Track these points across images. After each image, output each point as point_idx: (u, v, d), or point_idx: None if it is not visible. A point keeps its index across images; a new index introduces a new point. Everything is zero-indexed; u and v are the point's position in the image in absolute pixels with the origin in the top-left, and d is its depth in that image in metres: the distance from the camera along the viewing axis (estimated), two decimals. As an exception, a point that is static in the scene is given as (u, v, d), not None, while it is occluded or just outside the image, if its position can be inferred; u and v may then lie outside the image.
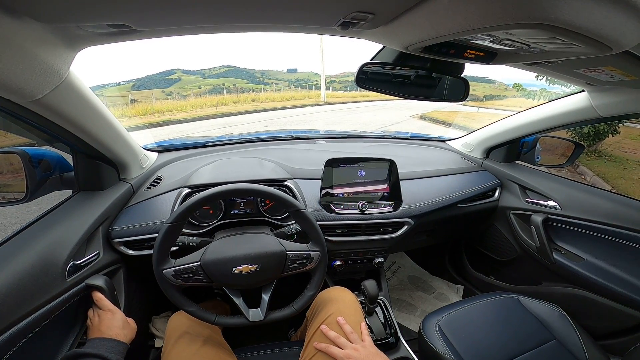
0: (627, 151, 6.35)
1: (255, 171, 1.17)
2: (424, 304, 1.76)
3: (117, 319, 0.79)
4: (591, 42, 0.48)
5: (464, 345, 0.98)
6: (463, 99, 0.91)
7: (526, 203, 1.39)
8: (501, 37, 0.54)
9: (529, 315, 1.09)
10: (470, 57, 0.69)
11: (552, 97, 1.26)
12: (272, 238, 0.89)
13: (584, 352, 0.96)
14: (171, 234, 0.79)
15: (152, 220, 1.02)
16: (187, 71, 59.13)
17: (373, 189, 1.21)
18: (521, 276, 1.49)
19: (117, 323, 0.78)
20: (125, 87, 31.53)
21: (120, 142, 1.01)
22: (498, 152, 1.56)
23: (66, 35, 0.59)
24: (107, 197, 1.01)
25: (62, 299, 0.76)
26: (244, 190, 0.84)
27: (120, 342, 0.74)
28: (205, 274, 0.80)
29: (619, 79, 0.82)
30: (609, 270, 1.13)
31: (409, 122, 11.09)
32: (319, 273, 0.89)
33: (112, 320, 0.78)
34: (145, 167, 1.23)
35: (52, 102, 0.68)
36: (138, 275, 1.12)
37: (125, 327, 0.79)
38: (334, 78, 44.28)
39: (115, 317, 0.79)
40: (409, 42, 0.64)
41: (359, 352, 0.77)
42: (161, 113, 13.53)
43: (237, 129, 9.91)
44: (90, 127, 0.84)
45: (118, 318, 0.79)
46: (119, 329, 0.77)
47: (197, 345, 0.83)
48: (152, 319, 1.32)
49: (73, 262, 0.82)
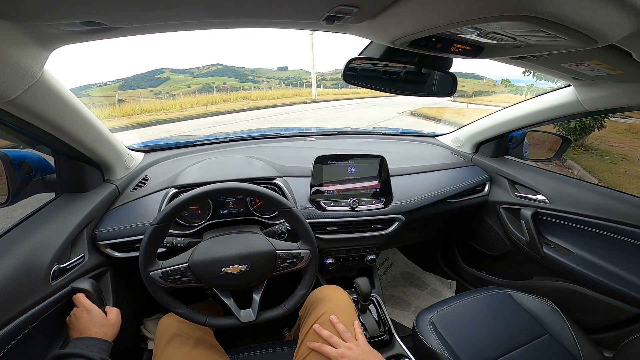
0: (613, 145, 6.46)
1: (243, 170, 1.16)
2: (418, 300, 1.77)
3: (94, 317, 0.77)
4: (576, 35, 0.48)
5: (457, 342, 0.98)
6: (451, 94, 0.91)
7: (515, 197, 1.40)
8: (487, 30, 0.54)
9: (521, 310, 1.10)
10: (457, 51, 0.69)
11: (539, 92, 1.27)
12: (261, 237, 0.88)
13: (577, 347, 0.97)
14: (157, 235, 0.77)
15: (139, 222, 1.00)
16: (176, 70, 58.39)
17: (363, 185, 1.21)
18: (512, 271, 1.50)
19: (95, 320, 0.77)
20: (112, 87, 30.99)
21: (103, 142, 0.99)
22: (487, 147, 1.57)
23: (38, 35, 0.57)
24: (91, 198, 0.99)
25: (47, 303, 0.75)
26: (232, 189, 0.82)
27: (101, 340, 0.73)
28: (194, 275, 0.79)
29: (604, 73, 0.82)
30: (598, 263, 1.14)
31: (400, 119, 11.14)
32: (310, 272, 0.88)
33: (89, 319, 0.76)
34: (130, 167, 1.20)
35: (27, 102, 0.66)
36: (126, 278, 1.10)
37: (103, 324, 0.77)
38: (325, 75, 44.25)
39: (91, 315, 0.77)
40: (395, 36, 0.63)
41: (353, 351, 0.77)
42: (149, 113, 13.31)
43: (227, 128, 9.85)
44: (69, 127, 0.82)
45: (95, 315, 0.78)
46: (97, 326, 0.76)
47: (189, 348, 0.82)
48: (143, 321, 1.30)
49: (57, 265, 0.81)
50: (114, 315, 0.82)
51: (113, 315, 0.82)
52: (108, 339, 0.76)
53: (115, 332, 0.79)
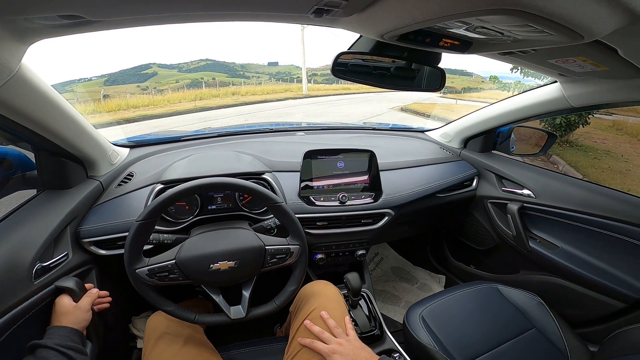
0: (597, 141, 6.62)
1: (231, 165, 1.14)
2: (408, 295, 1.79)
3: (58, 306, 0.77)
4: (563, 30, 0.48)
5: (447, 336, 0.99)
6: (440, 89, 0.91)
7: (502, 192, 1.42)
8: (476, 24, 0.54)
9: (508, 304, 1.12)
10: (446, 45, 0.69)
11: (526, 89, 1.28)
12: (250, 233, 0.87)
13: (562, 341, 0.99)
14: (142, 231, 0.76)
15: (124, 218, 0.98)
16: (164, 65, 57.16)
17: (353, 180, 1.21)
18: (500, 265, 1.52)
19: (58, 309, 0.76)
20: (96, 82, 30.12)
21: (85, 138, 0.97)
22: (475, 142, 1.58)
23: (14, 29, 0.54)
24: (74, 195, 0.96)
25: (30, 302, 0.74)
26: (220, 184, 0.81)
27: (59, 327, 0.72)
28: (181, 272, 0.77)
29: (590, 70, 0.84)
30: (582, 258, 1.16)
31: (390, 114, 11.19)
32: (300, 267, 0.88)
33: (55, 308, 0.77)
34: (115, 163, 1.18)
35: (4, 97, 0.64)
36: (113, 275, 1.08)
37: (67, 312, 0.76)
38: (316, 71, 44.00)
39: (56, 305, 0.77)
40: (384, 30, 0.63)
41: (344, 347, 0.77)
42: (136, 108, 13.04)
43: (216, 123, 9.72)
44: (49, 122, 0.80)
45: (60, 305, 0.77)
46: (60, 315, 0.75)
47: (178, 346, 0.81)
48: (132, 319, 1.29)
49: (40, 263, 0.79)
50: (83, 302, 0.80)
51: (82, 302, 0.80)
52: (72, 326, 0.74)
53: (81, 318, 0.77)
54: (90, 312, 0.79)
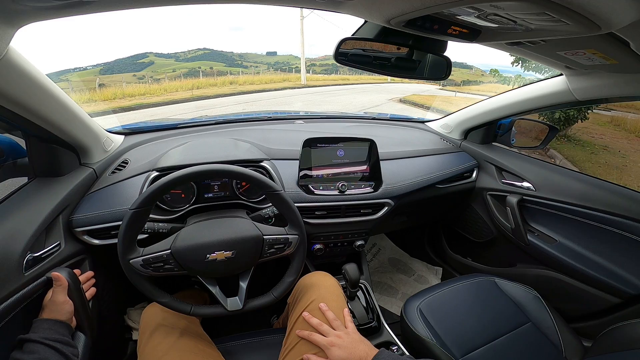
0: (594, 136, 6.63)
1: (229, 152, 1.12)
2: (405, 287, 1.79)
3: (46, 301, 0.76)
4: (580, 20, 0.46)
5: (444, 328, 0.99)
6: (445, 78, 0.89)
7: (502, 184, 1.41)
8: (488, 11, 0.52)
9: (505, 298, 1.12)
10: (454, 33, 0.67)
11: (527, 83, 1.26)
12: (248, 222, 0.85)
13: (557, 336, 0.99)
14: (136, 220, 0.73)
15: (118, 207, 0.96)
16: (161, 54, 56.22)
17: (353, 169, 1.19)
18: (497, 258, 1.53)
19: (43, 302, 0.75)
20: (92, 71, 29.59)
21: (77, 124, 0.94)
22: (476, 134, 1.57)
23: (2, 11, 0.52)
24: (66, 183, 0.94)
25: (22, 293, 0.72)
26: (216, 172, 0.79)
27: (45, 320, 0.71)
28: (177, 263, 0.76)
29: (598, 63, 0.81)
30: (580, 252, 1.16)
31: (389, 105, 11.14)
32: (298, 258, 0.87)
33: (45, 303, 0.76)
34: (109, 150, 1.15)
35: None
36: (107, 266, 1.06)
37: (49, 306, 0.74)
38: (315, 61, 43.56)
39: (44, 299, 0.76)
40: (391, 15, 0.60)
41: (343, 340, 0.76)
42: (132, 97, 12.83)
43: (213, 112, 9.62)
44: (39, 108, 0.77)
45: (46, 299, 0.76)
46: (43, 308, 0.74)
47: (174, 338, 0.80)
48: (127, 311, 1.27)
49: (31, 254, 0.76)
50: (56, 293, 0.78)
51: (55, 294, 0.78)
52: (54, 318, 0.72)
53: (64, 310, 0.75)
54: (69, 302, 0.76)
